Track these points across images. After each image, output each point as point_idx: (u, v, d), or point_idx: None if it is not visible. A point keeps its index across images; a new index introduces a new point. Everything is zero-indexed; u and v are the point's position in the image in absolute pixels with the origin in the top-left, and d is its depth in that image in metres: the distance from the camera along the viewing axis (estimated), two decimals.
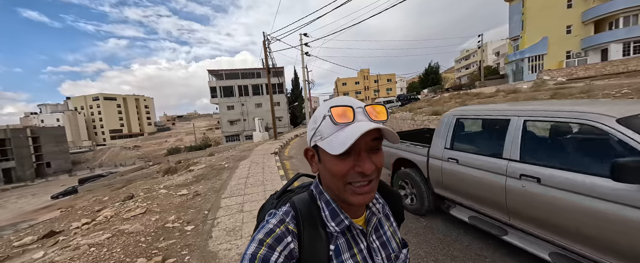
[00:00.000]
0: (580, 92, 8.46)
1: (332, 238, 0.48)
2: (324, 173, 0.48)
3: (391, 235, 0.57)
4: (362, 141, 0.43)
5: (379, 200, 0.56)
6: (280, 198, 0.59)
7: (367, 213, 0.54)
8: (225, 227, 2.85)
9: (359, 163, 0.44)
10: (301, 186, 0.62)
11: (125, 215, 3.20)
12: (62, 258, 2.18)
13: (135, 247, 2.35)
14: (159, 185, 5.30)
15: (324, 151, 0.45)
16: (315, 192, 0.53)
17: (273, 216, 0.49)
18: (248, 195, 4.03)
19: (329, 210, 0.49)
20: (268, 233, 0.45)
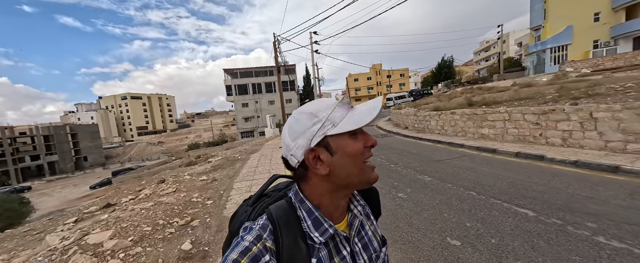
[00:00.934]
0: (589, 86, 8.35)
1: (313, 251, 0.46)
2: (342, 164, 0.46)
3: (372, 235, 0.56)
4: None
5: (360, 201, 0.56)
6: (255, 205, 0.54)
7: (349, 217, 0.53)
8: (236, 202, 3.64)
9: (367, 138, 0.47)
10: (277, 189, 0.58)
11: (161, 193, 4.10)
12: (124, 215, 3.07)
13: (171, 211, 3.20)
14: (183, 173, 6.28)
15: (339, 138, 0.45)
16: (295, 199, 0.49)
17: (249, 232, 0.45)
18: (255, 180, 4.82)
19: (312, 220, 0.47)
20: (243, 252, 0.41)
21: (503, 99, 9.71)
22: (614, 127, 4.61)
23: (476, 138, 7.45)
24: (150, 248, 2.34)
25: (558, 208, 2.95)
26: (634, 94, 5.74)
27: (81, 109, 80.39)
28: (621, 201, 2.95)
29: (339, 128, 0.45)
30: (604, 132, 4.76)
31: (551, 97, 8.08)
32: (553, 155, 4.81)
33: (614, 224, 2.48)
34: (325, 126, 0.46)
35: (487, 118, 7.20)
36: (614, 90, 6.75)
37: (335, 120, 0.46)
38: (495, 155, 5.74)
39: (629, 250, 2.08)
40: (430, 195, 3.81)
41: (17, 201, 14.82)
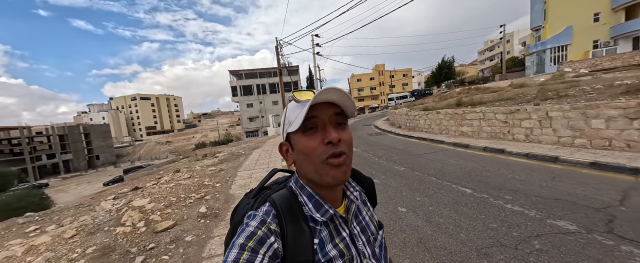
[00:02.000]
0: (567, 87, 8.96)
1: (315, 232, 0.48)
2: (300, 160, 0.49)
3: (369, 219, 0.58)
4: (324, 114, 0.47)
5: (355, 187, 0.58)
6: (257, 197, 0.56)
7: (346, 202, 0.56)
8: (239, 185, 4.53)
9: (325, 134, 0.46)
10: (277, 182, 0.61)
11: (178, 179, 5.03)
12: (153, 191, 3.99)
13: (188, 190, 4.11)
14: (194, 165, 7.23)
15: (294, 135, 0.48)
16: (295, 187, 0.53)
17: (252, 218, 0.47)
18: (255, 170, 5.70)
19: (313, 203, 0.50)
20: (249, 236, 0.43)
21: (488, 100, 10.35)
22: (565, 124, 5.32)
23: (456, 136, 8.18)
24: (178, 210, 3.23)
25: (492, 187, 3.72)
26: (595, 95, 6.38)
27: (93, 109, 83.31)
28: (543, 182, 3.71)
29: (293, 126, 0.48)
30: (557, 129, 5.46)
31: (530, 97, 8.72)
32: (512, 149, 5.54)
33: (525, 197, 3.26)
34: (286, 124, 0.50)
35: (466, 117, 7.93)
36: (583, 92, 7.37)
37: (291, 119, 0.49)
38: (467, 149, 6.49)
39: (523, 212, 2.86)
40: (398, 180, 4.61)
41: (39, 196, 16.21)
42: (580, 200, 3.01)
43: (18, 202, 13.28)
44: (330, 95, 0.46)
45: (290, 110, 0.50)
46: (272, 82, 39.25)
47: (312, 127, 0.47)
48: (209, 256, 2.26)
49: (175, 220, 2.92)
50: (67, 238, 2.62)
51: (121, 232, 2.61)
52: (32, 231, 3.25)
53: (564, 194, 3.22)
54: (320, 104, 0.46)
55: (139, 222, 2.84)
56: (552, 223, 2.56)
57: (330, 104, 0.47)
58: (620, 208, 2.73)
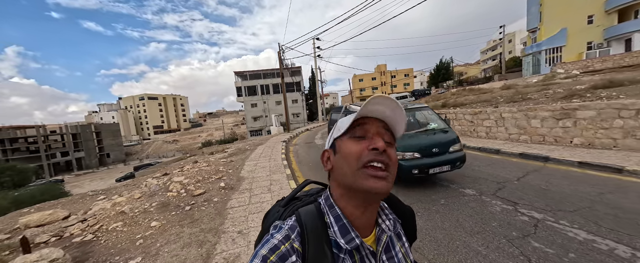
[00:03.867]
0: (537, 90, 10.00)
1: (338, 260, 0.46)
2: (338, 163, 0.48)
3: (403, 256, 0.53)
4: (373, 126, 0.47)
5: (389, 215, 0.54)
6: (287, 206, 0.57)
7: (377, 231, 0.51)
8: (247, 170, 5.80)
9: (372, 142, 0.46)
10: (308, 194, 0.61)
11: (199, 167, 6.34)
12: (183, 172, 5.30)
13: (209, 173, 5.42)
14: (208, 158, 8.57)
15: (340, 140, 0.49)
16: (324, 204, 0.51)
17: (278, 230, 0.47)
18: (260, 161, 6.97)
19: (339, 227, 0.47)
20: (272, 249, 0.43)
21: (469, 101, 11.44)
22: (513, 123, 6.45)
23: None
24: (205, 184, 4.52)
25: None
26: (544, 100, 7.47)
27: (103, 109, 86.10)
28: (477, 167, 4.88)
29: (340, 131, 0.49)
30: (508, 127, 6.60)
31: (502, 99, 9.80)
32: (471, 144, 6.69)
33: (468, 178, 4.42)
34: (334, 132, 0.51)
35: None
36: (543, 95, 8.43)
37: (341, 127, 0.50)
38: None
39: (448, 186, 4.04)
40: None
41: (59, 189, 17.91)
42: (492, 178, 4.19)
43: (41, 195, 14.89)
44: (380, 108, 0.46)
45: (345, 119, 0.50)
46: (275, 82, 40.59)
47: (361, 136, 0.47)
48: (230, 207, 3.53)
49: (205, 189, 4.20)
50: (136, 198, 3.91)
51: (171, 195, 3.90)
52: (103, 198, 4.57)
53: (486, 175, 4.39)
54: (373, 119, 0.47)
55: (181, 189, 4.13)
56: (462, 191, 3.75)
57: (381, 122, 0.48)
58: (514, 182, 3.90)
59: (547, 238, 2.36)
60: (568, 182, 3.69)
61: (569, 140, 5.33)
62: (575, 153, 4.70)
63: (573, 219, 2.65)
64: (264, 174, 5.33)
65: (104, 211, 3.57)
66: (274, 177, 5.00)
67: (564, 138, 5.42)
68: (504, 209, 3.04)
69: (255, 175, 5.31)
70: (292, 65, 35.80)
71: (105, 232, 2.97)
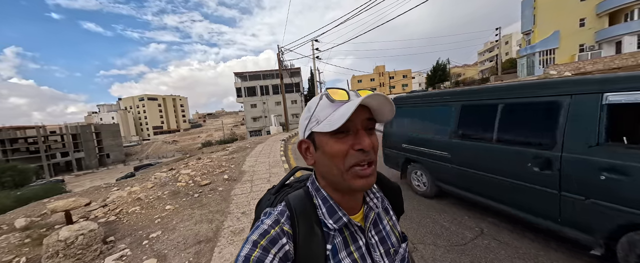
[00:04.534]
0: None
1: (328, 237, 0.47)
2: (322, 161, 0.47)
3: (390, 229, 0.56)
4: (358, 119, 0.44)
5: (376, 193, 0.55)
6: (278, 194, 0.58)
7: (364, 209, 0.53)
8: (248, 165, 6.25)
9: (357, 140, 0.44)
10: (299, 180, 0.62)
11: (203, 162, 6.79)
12: (189, 166, 5.74)
13: (213, 167, 5.87)
14: (211, 155, 9.02)
15: (321, 135, 0.46)
16: (311, 188, 0.52)
17: (268, 216, 0.48)
18: (259, 158, 7.42)
19: (326, 208, 0.49)
20: (262, 234, 0.44)
21: None
22: None
23: None
24: (210, 176, 4.96)
25: None
26: None
27: (103, 109, 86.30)
28: None
29: (320, 126, 0.45)
30: None
31: None
32: None
33: None
34: (311, 121, 0.47)
35: None
36: None
37: (319, 118, 0.46)
38: None
39: None
40: None
41: (61, 189, 18.34)
42: None
43: (45, 194, 15.30)
44: (369, 100, 0.43)
45: (320, 107, 0.46)
46: (275, 83, 41.04)
47: (344, 131, 0.44)
48: (234, 194, 3.98)
49: (210, 181, 4.65)
50: (149, 188, 4.34)
51: (180, 185, 4.34)
52: (117, 189, 5.01)
53: None
54: (356, 107, 0.42)
55: (189, 181, 4.57)
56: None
57: (364, 107, 0.45)
58: None
59: (502, 217, 2.82)
60: None
61: None
62: None
63: None
64: (264, 168, 5.78)
65: (121, 198, 4.00)
66: (273, 171, 5.45)
67: None
68: None
69: (255, 169, 5.76)
70: (292, 67, 36.30)
71: (126, 214, 3.41)
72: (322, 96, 0.47)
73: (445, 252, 2.17)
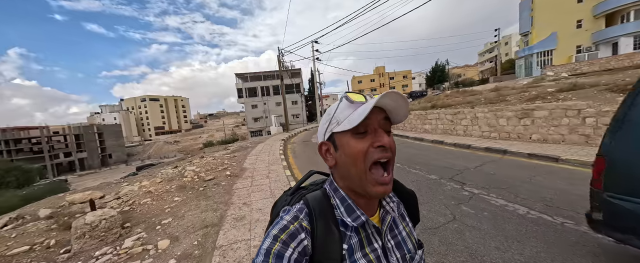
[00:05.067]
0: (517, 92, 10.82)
1: (345, 237, 0.48)
2: (343, 161, 0.48)
3: (407, 235, 0.56)
4: (375, 118, 0.46)
5: (392, 198, 0.56)
6: (294, 195, 0.59)
7: (381, 212, 0.54)
8: (249, 162, 6.62)
9: (377, 138, 0.46)
10: (314, 183, 0.63)
11: (206, 160, 7.15)
12: (193, 163, 6.13)
13: (216, 164, 6.24)
14: (213, 154, 9.39)
15: (341, 136, 0.47)
16: (329, 189, 0.53)
17: (287, 212, 0.49)
18: (260, 156, 7.78)
19: (345, 207, 0.50)
20: (282, 229, 0.45)
21: (455, 102, 12.26)
22: (485, 122, 7.26)
23: (420, 132, 10.14)
24: (213, 173, 5.33)
25: (414, 163, 5.70)
26: (515, 101, 8.28)
27: (105, 110, 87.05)
28: (446, 160, 5.68)
29: (341, 126, 0.47)
30: (481, 126, 7.41)
31: (484, 100, 10.62)
32: (448, 140, 7.50)
33: (426, 167, 5.23)
34: (332, 123, 0.49)
35: (427, 117, 9.89)
36: (519, 97, 9.25)
37: (339, 119, 0.48)
38: (422, 142, 8.45)
39: (418, 173, 4.85)
40: None
41: (65, 189, 18.81)
42: (456, 167, 5.00)
43: (50, 193, 15.74)
44: (386, 101, 0.45)
45: (340, 109, 0.49)
46: (275, 84, 41.43)
47: (364, 131, 0.46)
48: (236, 188, 4.33)
49: (214, 176, 5.01)
50: (157, 182, 4.71)
51: (186, 180, 4.71)
52: (127, 184, 5.38)
53: (451, 165, 5.20)
54: (373, 108, 0.45)
55: (194, 176, 4.93)
56: (427, 176, 4.56)
57: (380, 109, 0.47)
58: (471, 170, 4.70)
59: (474, 205, 3.16)
60: (513, 169, 4.50)
61: (529, 136, 6.15)
62: (530, 147, 5.51)
63: (500, 193, 3.46)
64: (264, 166, 6.14)
65: (133, 192, 4.37)
66: (272, 168, 5.81)
67: (524, 135, 6.23)
68: (453, 188, 3.85)
69: (256, 166, 6.12)
70: (292, 67, 36.71)
71: (139, 205, 3.77)
72: (341, 99, 0.50)
73: (418, 234, 2.52)
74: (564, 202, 2.99)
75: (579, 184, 3.48)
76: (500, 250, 2.19)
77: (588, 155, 4.41)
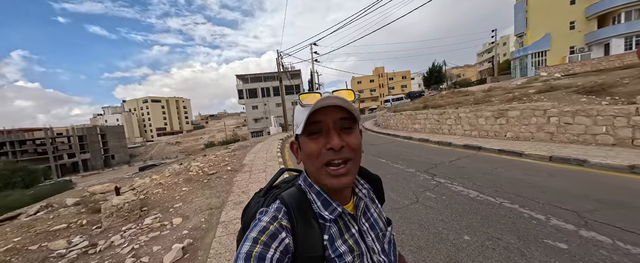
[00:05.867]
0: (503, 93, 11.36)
1: (325, 228, 0.50)
2: (304, 160, 0.51)
3: (378, 216, 0.60)
4: (329, 119, 0.47)
5: (363, 185, 0.60)
6: (266, 196, 0.60)
7: (354, 199, 0.57)
8: (248, 159, 7.22)
9: (328, 140, 0.47)
10: (285, 181, 0.64)
11: (209, 158, 7.76)
12: (197, 160, 6.74)
13: (218, 161, 6.86)
14: (216, 152, 10.00)
15: (301, 137, 0.50)
16: (304, 185, 0.55)
17: (265, 214, 0.50)
18: (258, 154, 8.37)
19: (321, 201, 0.52)
20: (262, 231, 0.45)
21: (445, 103, 12.80)
22: (467, 121, 7.83)
23: (410, 131, 10.71)
24: (216, 168, 5.93)
25: (398, 159, 6.27)
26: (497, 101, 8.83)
27: (108, 111, 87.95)
28: (427, 156, 6.24)
29: (298, 129, 0.49)
30: (463, 125, 7.98)
31: (472, 101, 11.17)
32: (433, 139, 8.06)
33: (409, 162, 5.80)
34: (294, 125, 0.52)
35: (417, 117, 10.46)
36: (502, 98, 9.78)
37: (297, 121, 0.50)
38: (410, 140, 9.01)
39: (399, 167, 5.42)
40: None
41: (71, 188, 19.50)
42: (432, 161, 5.56)
43: (57, 192, 16.42)
44: (330, 101, 0.46)
45: (297, 113, 0.51)
46: (275, 85, 41.96)
47: (317, 131, 0.48)
48: (236, 180, 4.93)
49: (216, 171, 5.61)
50: (166, 176, 5.30)
51: (192, 174, 5.30)
52: (138, 178, 5.99)
53: (429, 160, 5.76)
54: (326, 108, 0.46)
55: (199, 171, 5.53)
56: (406, 170, 5.12)
57: (336, 107, 0.47)
58: (445, 164, 5.27)
59: (437, 191, 3.74)
60: (481, 163, 5.07)
61: (504, 134, 6.71)
62: (502, 144, 6.07)
63: (462, 182, 4.03)
64: (261, 162, 6.73)
65: (145, 184, 4.97)
66: (268, 164, 6.40)
67: (500, 133, 6.80)
68: (425, 178, 4.42)
69: (254, 162, 6.72)
70: (292, 68, 37.29)
71: (152, 194, 4.36)
72: (295, 102, 0.53)
73: (386, 213, 3.10)
74: (511, 188, 3.56)
75: (532, 174, 4.06)
76: (443, 222, 2.77)
77: (548, 151, 4.97)
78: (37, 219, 3.57)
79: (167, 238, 2.71)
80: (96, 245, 2.68)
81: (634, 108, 4.39)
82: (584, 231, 2.32)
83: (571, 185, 3.47)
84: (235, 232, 2.76)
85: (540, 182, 3.70)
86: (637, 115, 4.36)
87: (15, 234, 3.10)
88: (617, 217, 2.49)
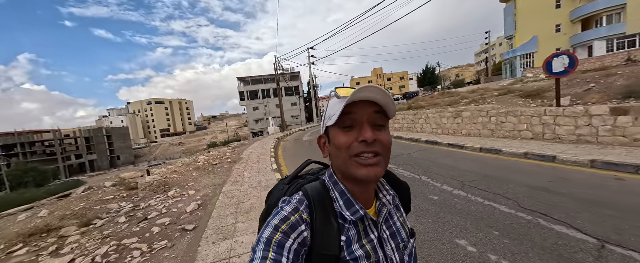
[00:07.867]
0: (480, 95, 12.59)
1: (343, 229, 0.50)
2: (334, 153, 0.50)
3: (401, 225, 0.58)
4: (363, 113, 0.47)
5: (389, 191, 0.58)
6: (291, 185, 0.60)
7: (377, 205, 0.56)
8: (245, 154, 8.55)
9: (361, 133, 0.46)
10: (310, 173, 0.65)
11: (211, 154, 9.11)
12: (204, 155, 8.06)
13: (219, 156, 8.21)
14: (219, 150, 11.38)
15: (332, 129, 0.50)
16: (329, 181, 0.54)
17: (288, 204, 0.50)
18: (254, 150, 9.70)
19: (344, 201, 0.51)
20: (283, 220, 0.46)
21: (426, 104, 14.05)
22: (433, 121, 9.09)
23: (392, 131, 11.97)
24: (218, 160, 7.26)
25: None
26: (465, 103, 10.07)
27: (113, 113, 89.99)
28: (399, 150, 7.50)
29: (331, 121, 0.49)
30: (431, 124, 9.24)
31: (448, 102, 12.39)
32: (405, 136, 9.32)
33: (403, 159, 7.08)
34: (326, 118, 0.52)
35: (396, 118, 11.72)
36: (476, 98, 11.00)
37: (330, 114, 0.50)
38: None
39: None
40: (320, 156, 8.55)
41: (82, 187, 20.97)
42: (394, 154, 6.82)
43: (68, 189, 17.90)
44: (368, 94, 0.46)
45: (331, 105, 0.51)
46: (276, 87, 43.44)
47: (350, 125, 0.47)
48: (234, 169, 6.25)
49: (219, 162, 6.93)
50: (180, 166, 6.63)
51: (199, 165, 6.63)
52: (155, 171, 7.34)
53: (399, 152, 7.02)
54: (361, 102, 0.46)
55: (205, 162, 6.85)
56: None
57: (371, 102, 0.47)
58: (404, 156, 6.52)
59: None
60: (431, 154, 6.32)
61: (461, 132, 7.96)
62: (454, 139, 7.32)
63: (406, 167, 5.29)
64: (256, 156, 8.05)
65: (163, 172, 6.30)
66: (262, 158, 7.70)
67: (458, 131, 8.05)
68: None
69: (250, 157, 8.04)
70: (292, 71, 38.64)
71: (170, 178, 5.68)
72: (331, 95, 0.52)
73: None
74: (437, 170, 4.82)
75: (460, 161, 5.31)
76: None
77: (482, 144, 6.22)
78: (90, 194, 4.91)
79: (187, 202, 4.02)
80: (139, 206, 4.01)
81: (543, 110, 5.64)
82: (457, 191, 3.59)
83: (477, 167, 4.73)
84: (232, 197, 4.05)
85: (460, 166, 4.95)
86: (546, 115, 5.61)
87: (79, 202, 4.43)
88: (485, 183, 3.75)
